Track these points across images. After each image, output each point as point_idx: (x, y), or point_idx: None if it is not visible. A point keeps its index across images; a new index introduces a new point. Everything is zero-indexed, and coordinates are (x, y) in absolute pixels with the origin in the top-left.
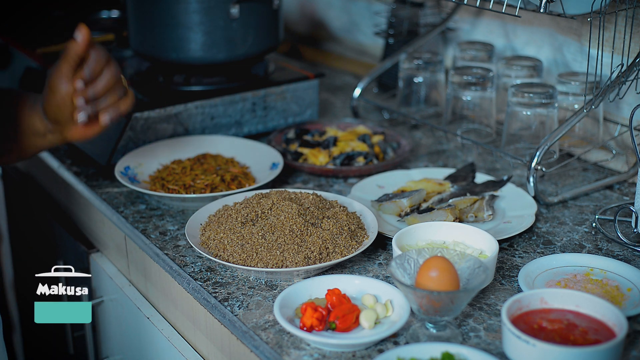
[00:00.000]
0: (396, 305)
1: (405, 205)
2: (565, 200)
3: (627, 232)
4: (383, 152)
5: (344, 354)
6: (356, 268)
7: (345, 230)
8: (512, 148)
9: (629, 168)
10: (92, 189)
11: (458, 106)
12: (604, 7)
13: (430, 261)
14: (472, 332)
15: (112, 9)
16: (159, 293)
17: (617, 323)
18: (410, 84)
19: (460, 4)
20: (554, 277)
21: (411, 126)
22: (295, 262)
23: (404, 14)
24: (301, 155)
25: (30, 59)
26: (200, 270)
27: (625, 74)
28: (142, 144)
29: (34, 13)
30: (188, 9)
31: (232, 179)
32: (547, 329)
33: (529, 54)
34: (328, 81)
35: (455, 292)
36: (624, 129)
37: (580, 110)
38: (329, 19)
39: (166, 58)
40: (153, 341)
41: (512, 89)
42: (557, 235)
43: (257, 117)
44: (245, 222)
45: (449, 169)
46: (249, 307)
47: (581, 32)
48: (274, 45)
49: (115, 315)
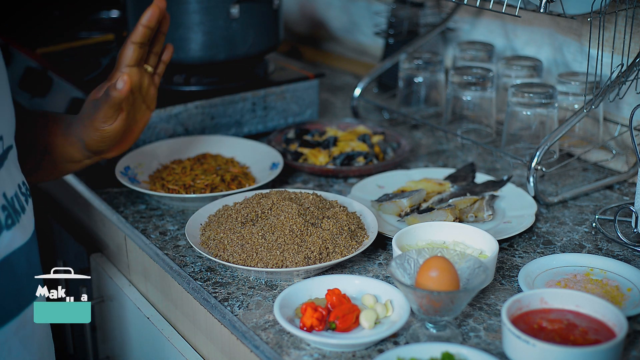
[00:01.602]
0: (396, 305)
1: (405, 205)
2: (565, 200)
3: (627, 232)
4: (383, 152)
5: (344, 354)
6: (356, 268)
7: (345, 230)
8: (512, 148)
9: (629, 168)
10: (92, 189)
11: (458, 106)
12: (604, 7)
13: (430, 261)
14: (472, 332)
15: (112, 9)
16: (159, 293)
17: (617, 323)
18: (410, 84)
19: (460, 4)
20: (554, 277)
21: (411, 126)
22: (295, 262)
23: (404, 14)
24: (301, 155)
25: (30, 59)
26: (200, 270)
27: (625, 74)
28: (142, 144)
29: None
30: (188, 9)
31: (232, 179)
32: (547, 329)
33: (529, 54)
34: (328, 81)
35: (455, 292)
36: (624, 129)
37: (580, 110)
38: (329, 19)
39: None
40: (153, 341)
41: (512, 89)
42: (557, 235)
43: (257, 117)
44: (245, 222)
45: (449, 169)
46: (249, 307)
47: (581, 32)
48: (274, 45)
49: (115, 315)
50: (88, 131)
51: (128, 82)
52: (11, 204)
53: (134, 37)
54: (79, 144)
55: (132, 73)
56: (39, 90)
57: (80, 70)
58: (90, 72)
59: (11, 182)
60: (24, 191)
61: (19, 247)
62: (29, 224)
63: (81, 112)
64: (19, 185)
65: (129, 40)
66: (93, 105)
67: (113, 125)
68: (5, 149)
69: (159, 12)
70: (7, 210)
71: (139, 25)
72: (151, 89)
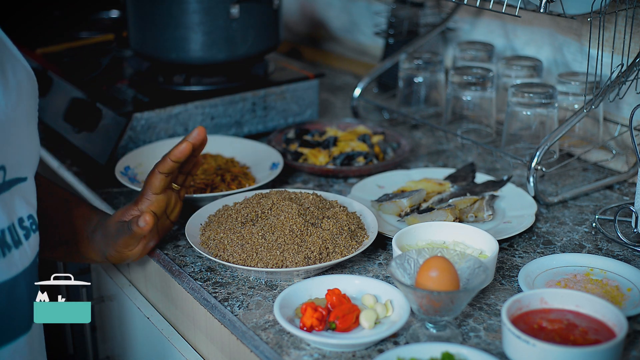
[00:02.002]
0: (396, 305)
1: (405, 205)
2: (565, 200)
3: (627, 232)
4: (383, 152)
5: (344, 354)
6: (356, 268)
7: (345, 230)
8: (512, 148)
9: (629, 168)
10: (92, 189)
11: (458, 106)
12: (604, 7)
13: (430, 261)
14: (472, 332)
15: (112, 9)
16: (159, 293)
17: (617, 323)
18: (410, 84)
19: (460, 4)
20: (554, 277)
21: (411, 126)
22: (295, 262)
23: (404, 14)
24: (301, 155)
25: (31, 59)
26: (200, 270)
27: (625, 74)
28: (142, 144)
29: (34, 13)
30: (188, 9)
31: (232, 179)
32: (547, 329)
33: (529, 54)
34: (328, 81)
35: (455, 292)
36: (624, 129)
37: (580, 110)
38: (329, 19)
39: (166, 58)
40: (153, 341)
41: (512, 89)
42: (557, 235)
43: (257, 117)
44: (245, 222)
45: (449, 169)
46: (249, 307)
47: (581, 32)
48: (274, 45)
49: (115, 315)
50: (110, 249)
51: (150, 224)
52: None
53: (161, 168)
54: (101, 253)
55: (159, 200)
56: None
57: (80, 70)
58: (90, 72)
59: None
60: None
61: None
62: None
63: (106, 227)
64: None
65: (157, 169)
66: (117, 228)
67: (134, 250)
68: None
69: (189, 150)
70: None
71: (167, 158)
72: (177, 206)
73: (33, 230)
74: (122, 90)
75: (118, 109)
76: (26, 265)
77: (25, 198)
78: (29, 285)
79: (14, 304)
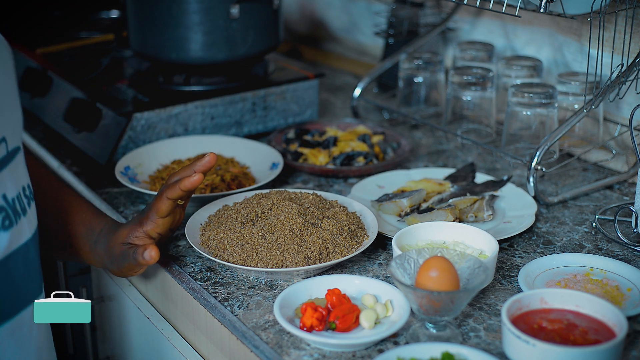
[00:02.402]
0: (396, 305)
1: (405, 205)
2: (565, 200)
3: (627, 232)
4: (383, 152)
5: (344, 354)
6: (356, 268)
7: (345, 230)
8: (512, 148)
9: (629, 168)
10: (92, 189)
11: (458, 106)
12: (604, 7)
13: (430, 261)
14: (472, 332)
15: (112, 9)
16: (159, 293)
17: (617, 323)
18: (410, 84)
19: (460, 4)
20: (554, 277)
21: (411, 126)
22: (295, 262)
23: (404, 14)
24: (301, 155)
25: (30, 59)
26: (200, 270)
27: (625, 74)
28: (142, 144)
29: (34, 13)
30: (188, 9)
31: (232, 179)
32: (547, 329)
33: (529, 54)
34: (328, 81)
35: (455, 292)
36: (624, 129)
37: (580, 110)
38: (329, 19)
39: (166, 58)
40: (153, 341)
41: (512, 89)
42: (557, 235)
43: (257, 117)
44: (245, 222)
45: (449, 169)
46: (249, 307)
47: (581, 32)
48: (274, 45)
49: (115, 315)
50: (112, 266)
51: (155, 258)
52: (12, 206)
53: (170, 194)
54: (102, 264)
55: (164, 222)
56: (39, 90)
57: (80, 70)
58: (90, 72)
59: (14, 184)
60: (28, 194)
61: (15, 249)
62: (28, 226)
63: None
64: (24, 187)
65: (164, 194)
66: (121, 252)
67: (137, 272)
68: (11, 151)
69: (201, 180)
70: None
71: (177, 186)
72: (181, 217)
73: (31, 198)
74: (122, 90)
75: (118, 109)
76: (33, 231)
77: (23, 166)
78: (36, 249)
79: (29, 268)
